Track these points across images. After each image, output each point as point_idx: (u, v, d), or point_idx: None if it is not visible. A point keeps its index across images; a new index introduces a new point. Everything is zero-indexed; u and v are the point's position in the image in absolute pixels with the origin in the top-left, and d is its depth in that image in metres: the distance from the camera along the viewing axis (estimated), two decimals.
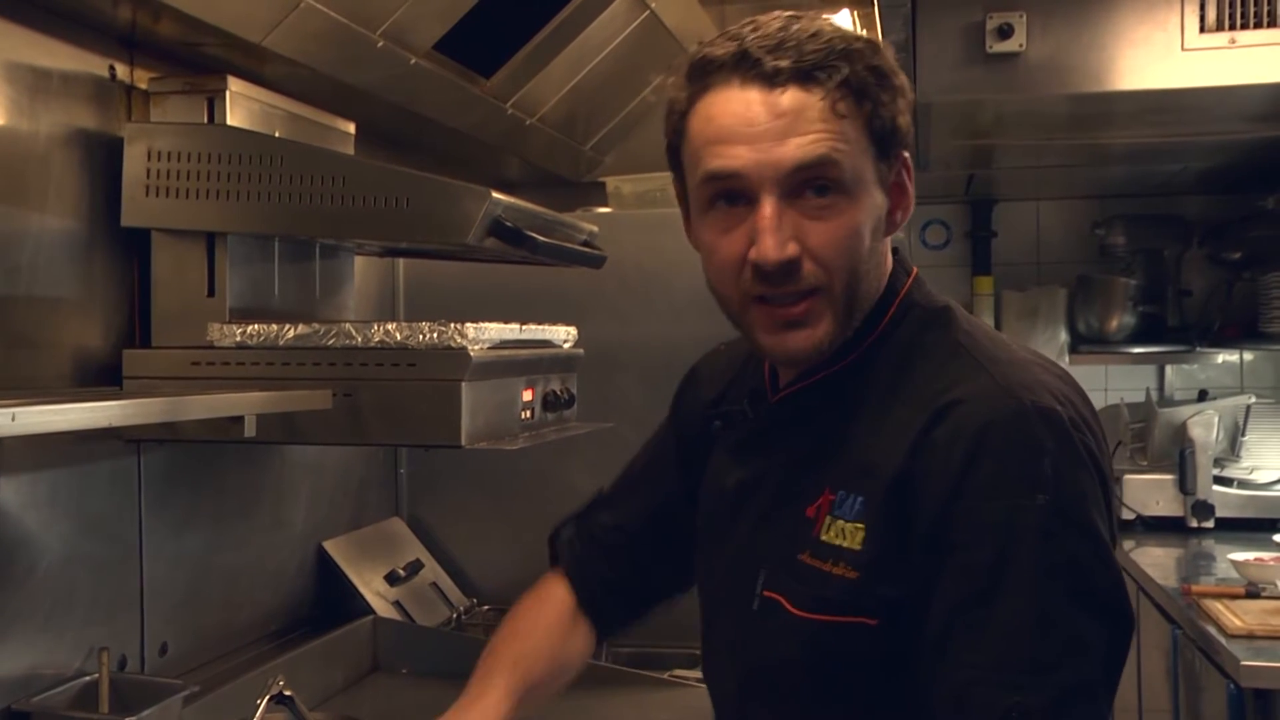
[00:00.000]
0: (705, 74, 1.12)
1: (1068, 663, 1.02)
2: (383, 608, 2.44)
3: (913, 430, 1.08)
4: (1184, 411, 3.77)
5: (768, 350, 1.18)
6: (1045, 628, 1.02)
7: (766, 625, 1.16)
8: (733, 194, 1.12)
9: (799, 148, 1.09)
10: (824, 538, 1.12)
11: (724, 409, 1.30)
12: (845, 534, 1.10)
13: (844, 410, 1.16)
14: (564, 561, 1.51)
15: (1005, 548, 1.02)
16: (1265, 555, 2.91)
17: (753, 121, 1.10)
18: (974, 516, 1.03)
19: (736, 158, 1.10)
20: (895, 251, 1.24)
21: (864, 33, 1.23)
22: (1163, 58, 2.57)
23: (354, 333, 1.78)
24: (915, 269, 1.24)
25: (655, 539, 1.45)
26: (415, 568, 2.62)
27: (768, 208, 1.10)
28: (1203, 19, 2.53)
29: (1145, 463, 3.79)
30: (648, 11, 2.35)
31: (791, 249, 1.10)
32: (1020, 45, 2.60)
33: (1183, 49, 2.55)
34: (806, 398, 1.19)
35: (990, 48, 2.61)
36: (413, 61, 2.00)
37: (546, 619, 1.48)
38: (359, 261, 2.30)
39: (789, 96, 1.09)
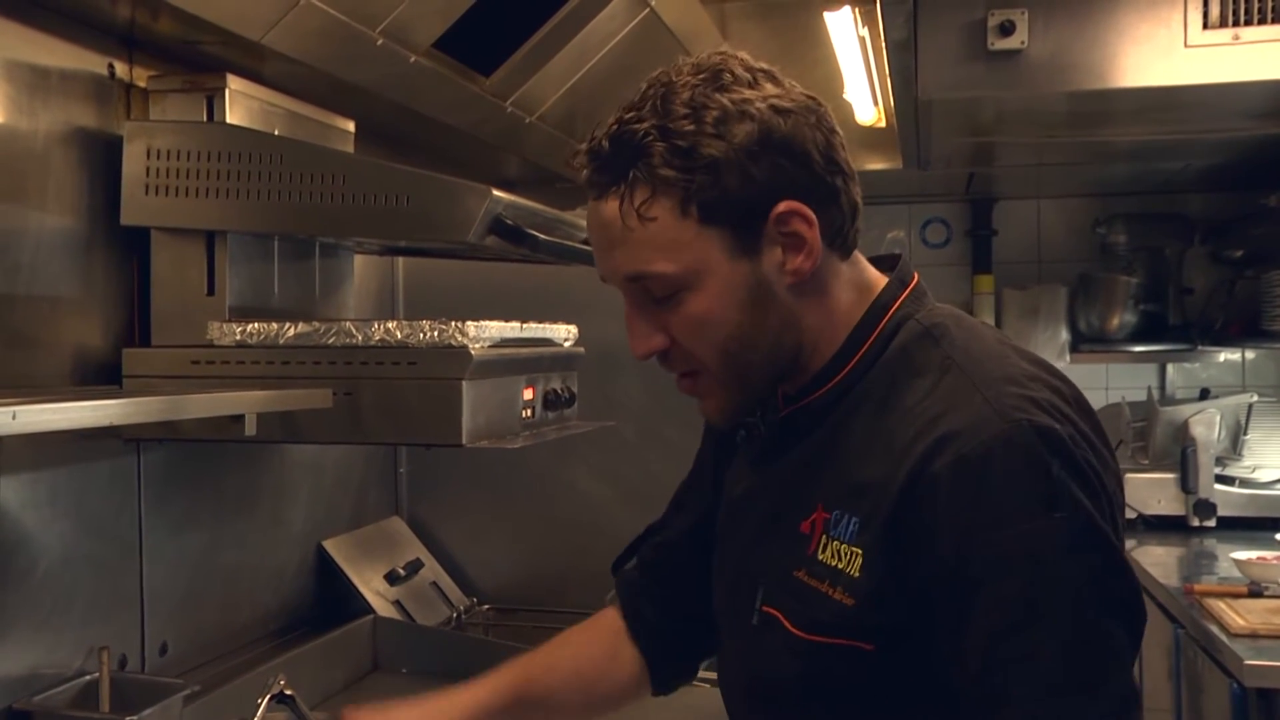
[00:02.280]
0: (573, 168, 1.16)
1: (1113, 675, 1.01)
2: (383, 607, 2.43)
3: (910, 458, 1.05)
4: (1185, 410, 3.77)
5: None
6: (1087, 645, 1.01)
7: (765, 640, 1.15)
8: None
9: (619, 263, 1.12)
10: (820, 557, 1.10)
11: (746, 419, 1.27)
12: (842, 556, 1.09)
13: (838, 426, 1.14)
14: (619, 587, 1.47)
15: (1032, 574, 1.01)
16: (1268, 554, 2.90)
17: (591, 231, 1.15)
18: (994, 548, 1.01)
19: (598, 265, 1.16)
20: (896, 259, 1.22)
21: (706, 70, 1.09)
22: (1165, 55, 2.56)
23: (354, 331, 1.78)
24: (915, 278, 1.20)
25: (699, 557, 1.38)
26: (415, 567, 2.62)
27: (627, 309, 1.16)
28: (1206, 15, 2.53)
29: (1146, 461, 3.78)
30: (647, 9, 2.35)
31: (656, 342, 1.14)
32: (1022, 42, 2.60)
33: (1185, 46, 2.55)
34: (804, 415, 1.18)
35: (992, 45, 2.61)
36: (412, 60, 2.00)
37: (586, 638, 1.44)
38: (358, 260, 2.30)
39: (605, 207, 1.11)
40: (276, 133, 1.96)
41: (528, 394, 2.00)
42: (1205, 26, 2.53)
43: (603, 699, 1.42)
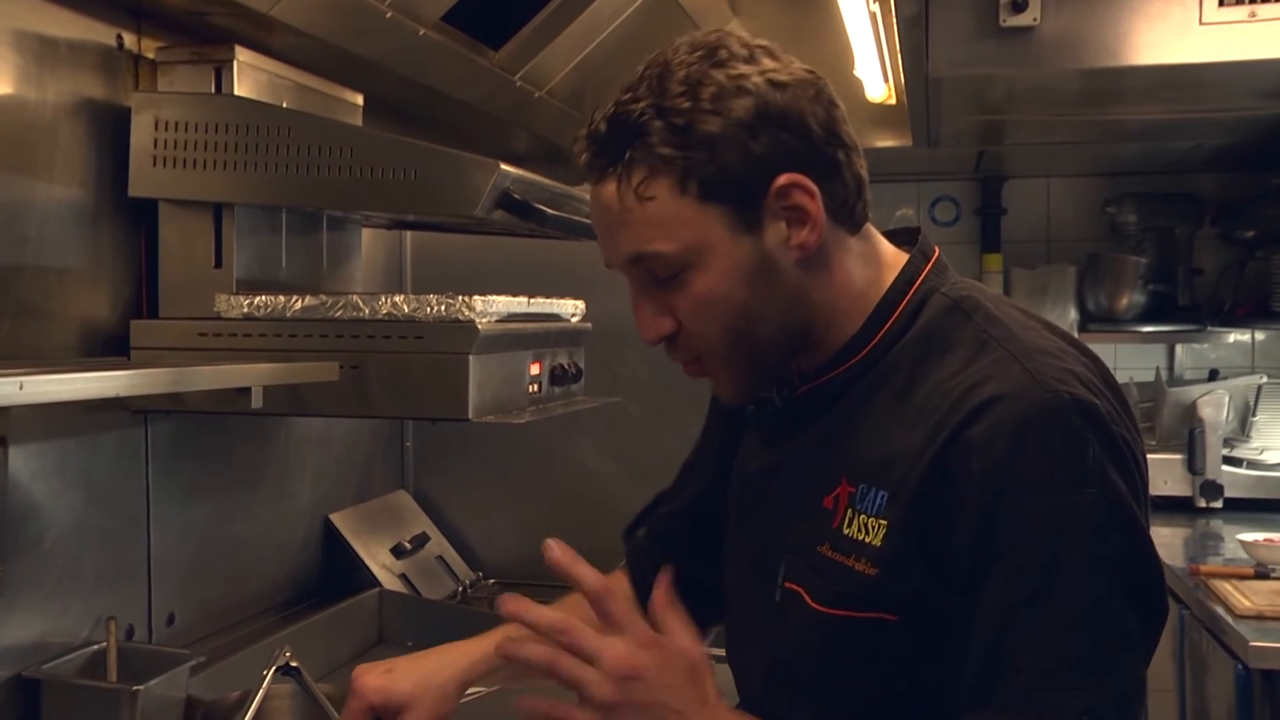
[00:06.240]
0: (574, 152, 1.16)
1: (1125, 659, 1.01)
2: (388, 580, 2.44)
3: (945, 427, 1.05)
4: (1194, 391, 3.76)
5: None
6: (1102, 625, 1.00)
7: (788, 617, 1.15)
8: None
9: (620, 245, 1.11)
10: (845, 531, 1.10)
11: (761, 395, 1.27)
12: (868, 529, 1.08)
13: (862, 400, 1.14)
14: (628, 554, 1.48)
15: (1056, 547, 1.00)
16: (1274, 535, 2.90)
17: (593, 215, 1.14)
18: (1020, 517, 1.01)
19: (601, 250, 1.15)
20: (914, 233, 1.21)
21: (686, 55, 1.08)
22: (1180, 32, 2.54)
23: (361, 305, 1.78)
24: (937, 252, 1.20)
25: (701, 528, 1.40)
26: (421, 541, 2.62)
27: (633, 294, 1.15)
28: None
29: (1154, 442, 3.77)
30: None
31: (665, 325, 1.14)
32: (1034, 19, 2.57)
33: (1200, 23, 2.52)
34: (828, 391, 1.17)
35: (1004, 22, 2.58)
36: (421, 33, 1.99)
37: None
38: (366, 234, 2.30)
39: (604, 190, 1.11)
40: (285, 105, 1.96)
41: (534, 369, 2.00)
42: (1221, 4, 2.50)
43: None
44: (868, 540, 1.08)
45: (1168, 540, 3.34)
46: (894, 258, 1.19)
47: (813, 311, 1.14)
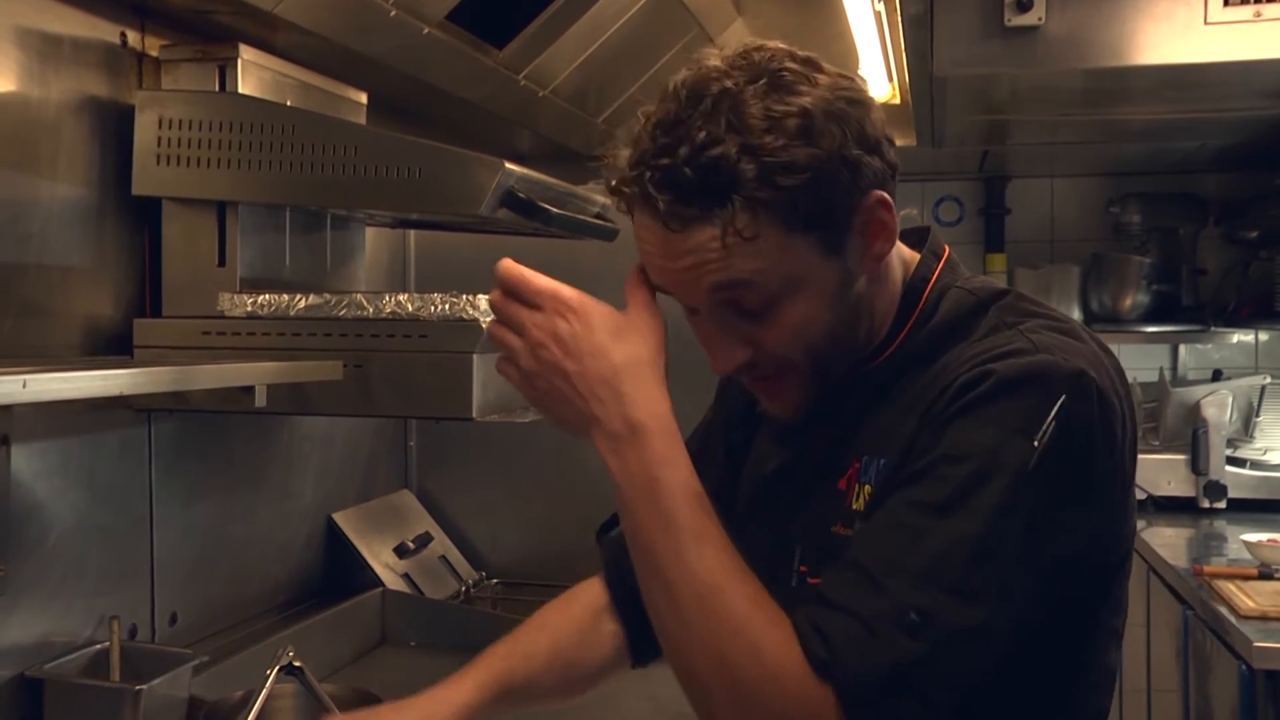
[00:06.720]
0: (617, 189, 1.11)
1: (989, 602, 1.00)
2: (391, 580, 2.44)
3: (940, 387, 1.08)
4: (1197, 391, 3.76)
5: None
6: (979, 567, 1.00)
7: (801, 599, 1.16)
8: None
9: (707, 285, 1.08)
10: (855, 506, 1.12)
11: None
12: (868, 498, 1.11)
13: (879, 393, 1.16)
14: (604, 558, 1.46)
15: (983, 473, 1.01)
16: (1278, 536, 2.90)
17: (662, 258, 1.10)
18: (968, 435, 1.03)
19: (664, 282, 1.12)
20: (926, 233, 1.23)
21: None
22: (1184, 32, 2.54)
23: (365, 303, 1.78)
24: (947, 250, 1.22)
25: None
26: (424, 540, 2.62)
27: (705, 326, 1.12)
28: None
29: (1157, 442, 3.77)
30: None
31: (740, 355, 1.12)
32: (1039, 19, 2.58)
33: (1205, 23, 2.52)
34: (846, 390, 1.18)
35: (1008, 21, 2.59)
36: (425, 31, 1.98)
37: (563, 618, 1.43)
38: (370, 232, 2.29)
39: (696, 235, 1.06)
40: (289, 104, 1.96)
41: None
42: (1226, 3, 2.50)
43: (583, 677, 1.42)
44: (865, 508, 1.10)
45: (1171, 540, 3.34)
46: (910, 257, 1.21)
47: (873, 316, 1.16)
